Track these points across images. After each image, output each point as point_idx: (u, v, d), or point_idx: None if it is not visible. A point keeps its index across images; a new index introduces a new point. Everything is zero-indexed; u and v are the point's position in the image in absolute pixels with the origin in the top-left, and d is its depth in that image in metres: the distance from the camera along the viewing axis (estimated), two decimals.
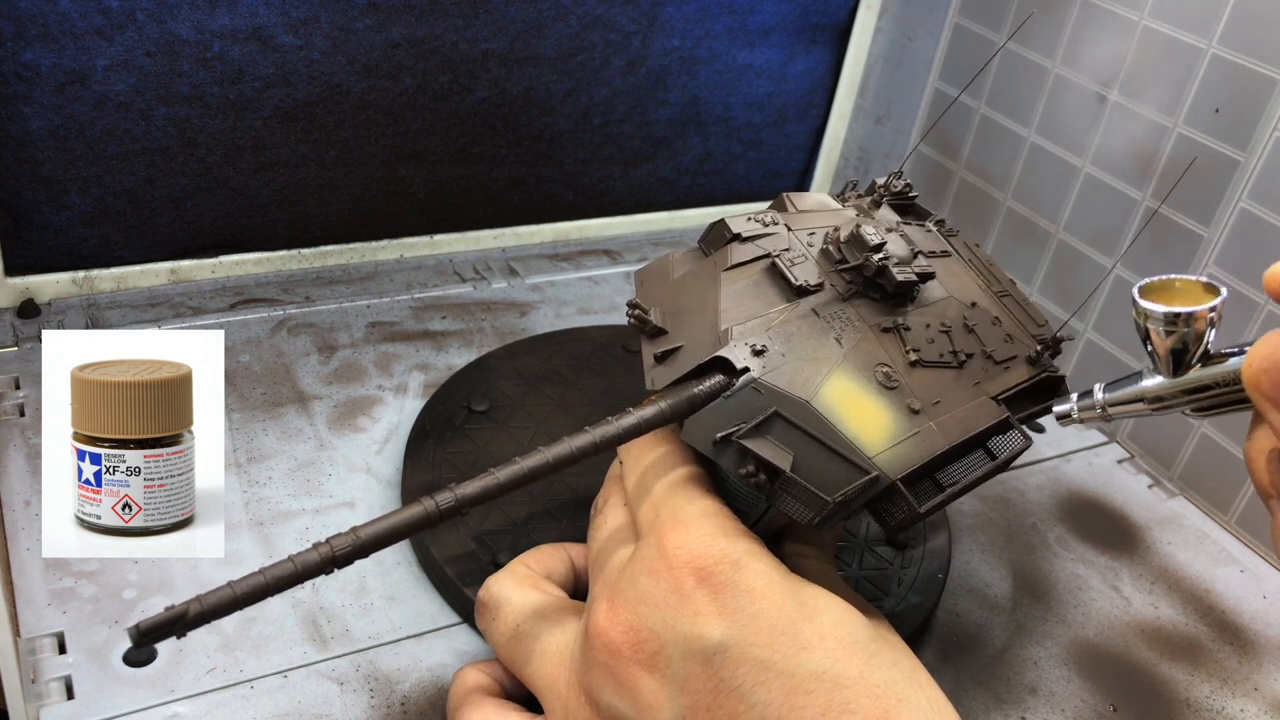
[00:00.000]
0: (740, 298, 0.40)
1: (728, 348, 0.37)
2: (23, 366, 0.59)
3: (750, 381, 0.37)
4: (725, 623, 0.34)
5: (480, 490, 0.35)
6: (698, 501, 0.37)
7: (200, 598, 0.31)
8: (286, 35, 0.63)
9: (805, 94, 0.85)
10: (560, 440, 0.36)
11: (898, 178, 0.48)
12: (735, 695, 0.33)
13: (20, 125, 0.59)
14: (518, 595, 0.41)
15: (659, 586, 0.35)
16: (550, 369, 0.62)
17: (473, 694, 0.41)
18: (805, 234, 0.43)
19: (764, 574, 0.35)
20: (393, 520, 0.34)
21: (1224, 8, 0.59)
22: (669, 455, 0.39)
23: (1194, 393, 0.33)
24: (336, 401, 0.61)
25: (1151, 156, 0.65)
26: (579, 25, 0.72)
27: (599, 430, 0.36)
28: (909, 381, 0.39)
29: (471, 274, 0.75)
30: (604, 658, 0.35)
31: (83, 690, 0.42)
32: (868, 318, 0.40)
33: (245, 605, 0.32)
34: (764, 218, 0.44)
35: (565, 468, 0.36)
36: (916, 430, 0.38)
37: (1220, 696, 0.51)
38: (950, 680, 0.50)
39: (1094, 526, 0.61)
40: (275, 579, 0.32)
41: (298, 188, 0.69)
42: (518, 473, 0.35)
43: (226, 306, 0.67)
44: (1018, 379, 0.42)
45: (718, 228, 0.43)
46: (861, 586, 0.51)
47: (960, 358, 0.41)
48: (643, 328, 0.40)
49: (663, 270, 0.44)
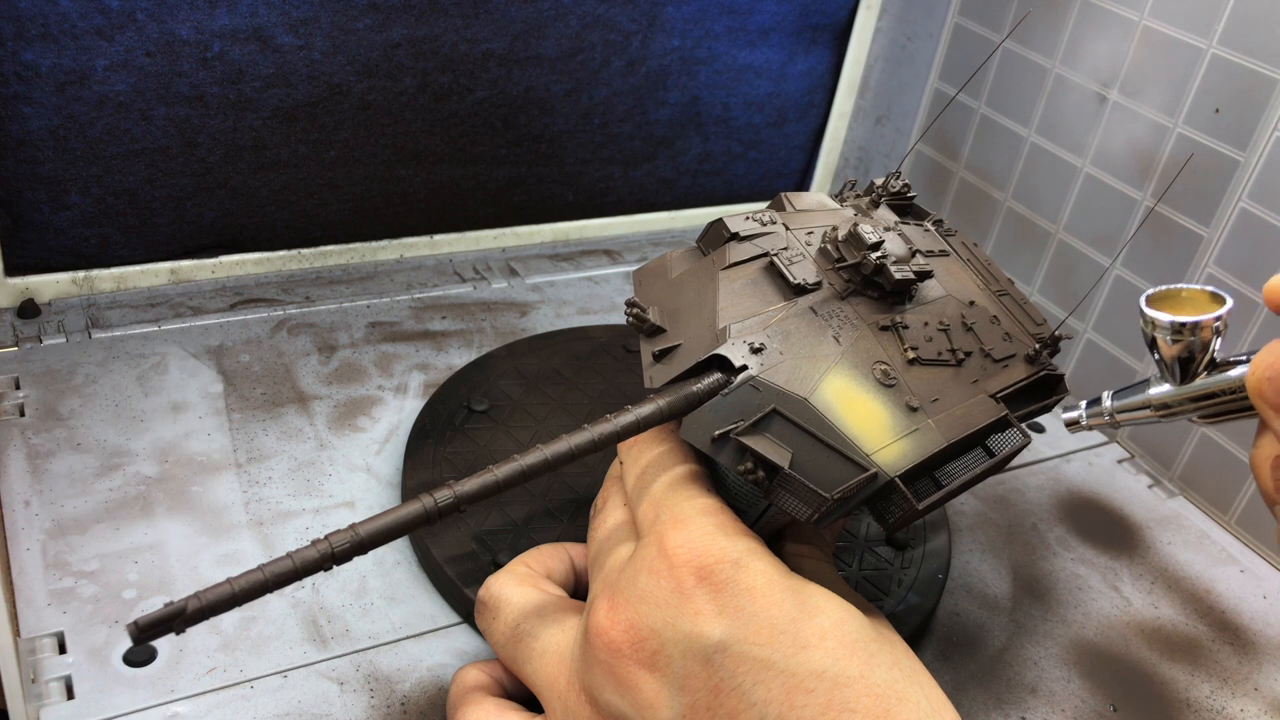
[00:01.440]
0: (738, 296, 0.40)
1: (726, 345, 0.37)
2: (23, 366, 0.59)
3: (748, 379, 0.37)
4: (725, 621, 0.34)
5: (479, 487, 0.34)
6: (698, 500, 0.37)
7: (199, 594, 0.31)
8: (286, 35, 0.63)
9: (805, 94, 0.85)
10: (559, 438, 0.36)
11: (896, 178, 0.48)
12: (735, 694, 0.33)
13: (20, 125, 0.59)
14: (518, 595, 0.41)
15: (659, 585, 0.35)
16: (550, 368, 0.62)
17: (472, 693, 0.41)
18: (804, 233, 0.43)
19: (764, 573, 0.35)
20: (391, 517, 0.34)
21: (1224, 8, 0.59)
22: (669, 454, 0.40)
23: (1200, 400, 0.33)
24: (336, 401, 0.61)
25: (1151, 156, 0.65)
26: (579, 25, 0.72)
27: (597, 428, 0.36)
28: (907, 379, 0.39)
29: (471, 274, 0.75)
30: (604, 656, 0.35)
31: (83, 690, 0.42)
32: (865, 316, 0.40)
33: (244, 601, 0.32)
34: (762, 217, 0.44)
35: (564, 465, 0.36)
36: (915, 428, 0.38)
37: (1220, 696, 0.51)
38: (950, 680, 0.50)
39: (1094, 526, 0.61)
40: (274, 575, 0.32)
41: (298, 188, 0.69)
42: (516, 470, 0.35)
43: (226, 306, 0.67)
44: (1016, 377, 0.42)
45: (716, 227, 0.43)
46: (861, 586, 0.51)
47: (958, 356, 0.41)
48: (641, 326, 0.41)
49: (661, 269, 0.44)
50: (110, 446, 0.54)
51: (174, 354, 0.62)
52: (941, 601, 0.53)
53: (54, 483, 0.52)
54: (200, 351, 0.63)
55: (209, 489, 0.53)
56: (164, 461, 0.54)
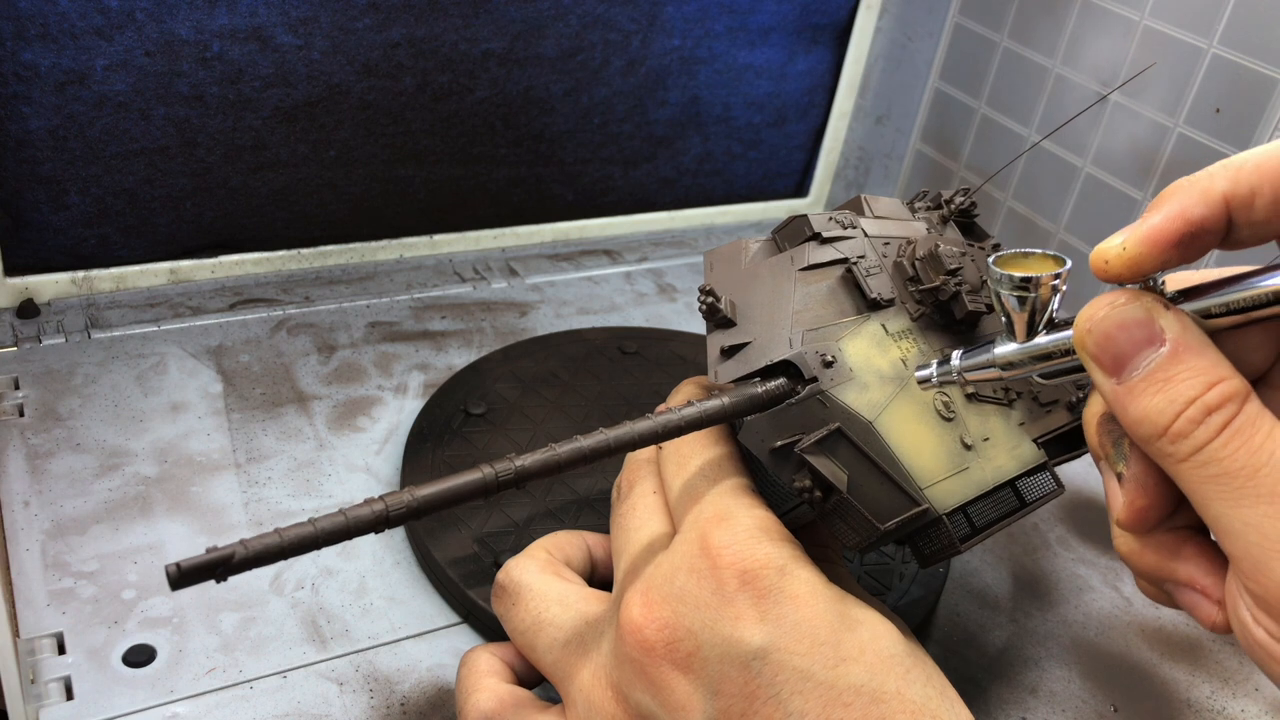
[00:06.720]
0: (813, 301, 0.39)
1: (798, 353, 0.36)
2: (23, 366, 0.59)
3: (817, 392, 0.36)
4: (767, 629, 0.33)
5: (540, 464, 0.33)
6: (744, 500, 0.36)
7: (245, 542, 0.30)
8: (286, 35, 0.63)
9: (805, 94, 0.85)
10: (622, 424, 0.35)
11: (964, 193, 0.46)
12: (772, 702, 0.33)
13: (20, 125, 0.59)
14: (539, 582, 0.41)
15: (700, 586, 0.34)
16: (546, 371, 0.62)
17: (486, 678, 0.40)
18: (880, 243, 0.42)
19: (808, 582, 0.34)
20: (449, 484, 0.32)
21: (1224, 8, 0.59)
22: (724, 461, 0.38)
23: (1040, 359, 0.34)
24: (336, 401, 0.61)
25: (1152, 156, 0.65)
26: (579, 25, 0.72)
27: (661, 419, 0.35)
28: (964, 415, 0.39)
29: (471, 274, 0.75)
30: (637, 654, 0.35)
31: (82, 691, 0.42)
32: (933, 342, 0.40)
33: (291, 555, 0.30)
34: (842, 219, 0.42)
35: (625, 451, 0.35)
36: (966, 466, 0.38)
37: (1221, 697, 0.51)
38: (950, 680, 0.49)
39: (1095, 526, 0.61)
40: (325, 531, 0.31)
41: (297, 188, 0.69)
42: (578, 451, 0.34)
43: (226, 306, 0.67)
44: (1057, 423, 0.41)
45: (797, 223, 0.42)
46: (864, 581, 0.51)
47: (1011, 396, 0.40)
48: (712, 316, 0.40)
49: (734, 255, 0.43)
50: (109, 447, 0.54)
51: (173, 354, 0.62)
52: (941, 601, 0.53)
53: (53, 483, 0.52)
54: (200, 351, 0.62)
55: (208, 489, 0.53)
56: (163, 462, 0.54)
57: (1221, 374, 0.29)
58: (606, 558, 0.44)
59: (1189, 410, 0.29)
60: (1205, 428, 0.28)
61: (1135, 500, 0.32)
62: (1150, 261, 0.30)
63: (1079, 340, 0.31)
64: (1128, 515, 0.32)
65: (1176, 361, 0.29)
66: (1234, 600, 0.30)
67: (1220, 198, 0.29)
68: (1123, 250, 0.30)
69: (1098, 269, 0.31)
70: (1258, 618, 0.29)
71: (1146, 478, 0.31)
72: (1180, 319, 0.30)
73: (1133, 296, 0.30)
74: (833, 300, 0.40)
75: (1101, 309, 0.30)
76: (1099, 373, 0.31)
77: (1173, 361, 0.29)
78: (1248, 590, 0.28)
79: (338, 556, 0.51)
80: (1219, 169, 0.30)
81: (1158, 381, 0.29)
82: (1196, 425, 0.28)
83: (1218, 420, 0.28)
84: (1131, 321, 0.30)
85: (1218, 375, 0.29)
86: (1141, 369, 0.30)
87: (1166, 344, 0.29)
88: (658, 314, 0.74)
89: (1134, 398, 0.30)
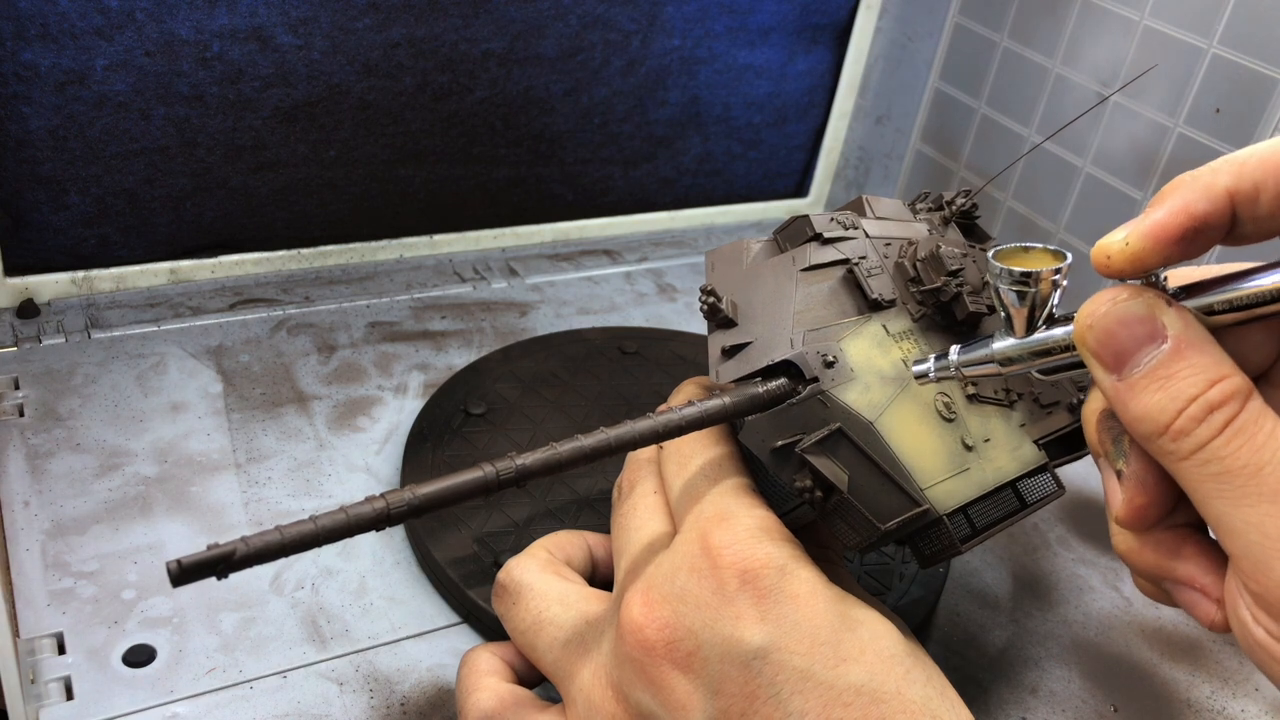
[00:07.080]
0: (814, 302, 0.39)
1: (799, 353, 0.36)
2: (22, 366, 0.59)
3: (818, 392, 0.36)
4: (767, 628, 0.33)
5: (541, 463, 0.33)
6: (744, 499, 0.36)
7: (247, 539, 0.29)
8: (286, 35, 0.63)
9: (805, 94, 0.85)
10: (623, 423, 0.35)
11: (965, 195, 0.46)
12: (772, 702, 0.33)
13: (20, 125, 0.59)
14: (540, 581, 0.40)
15: (701, 585, 0.34)
16: (546, 371, 0.62)
17: (486, 678, 0.40)
18: (882, 244, 0.42)
19: (809, 581, 0.34)
20: (450, 482, 0.32)
21: (1224, 8, 0.59)
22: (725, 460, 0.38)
23: (1040, 355, 0.34)
24: (336, 401, 0.60)
25: (1152, 156, 0.65)
26: (579, 25, 0.72)
27: (662, 418, 0.35)
28: (965, 415, 0.39)
29: (471, 274, 0.75)
30: (637, 654, 0.35)
31: (82, 691, 0.42)
32: (934, 343, 0.40)
33: (292, 552, 0.30)
34: (844, 219, 0.43)
35: (626, 451, 0.35)
36: (967, 466, 0.38)
37: (1221, 697, 0.51)
38: (950, 680, 0.49)
39: (1095, 526, 0.61)
40: (326, 528, 0.30)
41: (297, 188, 0.69)
42: (579, 450, 0.34)
43: (226, 306, 0.67)
44: (1057, 425, 0.41)
45: (799, 223, 0.42)
46: (864, 581, 0.51)
47: (1011, 397, 0.40)
48: (713, 316, 0.40)
49: (736, 255, 0.43)
50: (109, 447, 0.54)
51: (173, 354, 0.62)
52: (941, 601, 0.53)
53: (53, 483, 0.52)
54: (200, 351, 0.62)
55: (208, 489, 0.53)
56: (163, 462, 0.54)
57: (1224, 371, 0.29)
58: (607, 557, 0.44)
59: (1191, 408, 0.28)
60: (1207, 426, 0.28)
61: (1134, 498, 0.32)
62: (1153, 257, 0.30)
63: (1080, 336, 0.31)
64: (1127, 513, 0.32)
65: (1178, 358, 0.29)
66: (1234, 599, 0.30)
67: (1224, 193, 0.29)
68: (1125, 245, 0.30)
69: (1099, 264, 0.31)
70: (1257, 617, 0.28)
71: (1146, 475, 0.31)
72: (1182, 315, 0.29)
73: (1134, 292, 0.30)
74: (834, 301, 0.40)
75: (1103, 304, 0.30)
76: (1099, 369, 0.30)
77: (1174, 358, 0.29)
78: (1248, 589, 0.28)
79: (338, 556, 0.51)
80: (1223, 164, 0.29)
81: (1159, 378, 0.29)
82: (1198, 423, 0.28)
83: (1220, 418, 0.28)
84: (1133, 317, 0.30)
85: (1220, 373, 0.29)
86: (1143, 365, 0.29)
87: (1168, 340, 0.29)
88: (658, 314, 0.74)
89: (1135, 395, 0.29)
